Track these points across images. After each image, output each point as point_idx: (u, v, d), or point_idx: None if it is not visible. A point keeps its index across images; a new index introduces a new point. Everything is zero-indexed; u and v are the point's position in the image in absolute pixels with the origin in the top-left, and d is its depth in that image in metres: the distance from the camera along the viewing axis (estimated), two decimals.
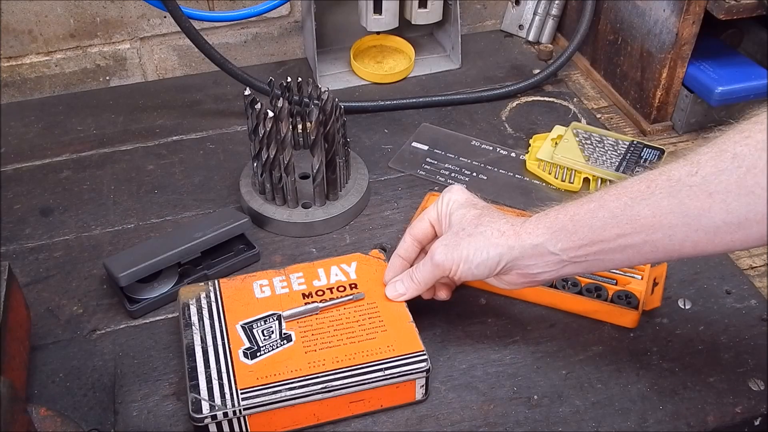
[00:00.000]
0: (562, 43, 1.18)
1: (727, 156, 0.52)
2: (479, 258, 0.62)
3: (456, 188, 0.68)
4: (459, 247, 0.63)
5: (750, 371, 0.69)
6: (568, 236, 0.59)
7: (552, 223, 0.60)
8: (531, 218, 0.62)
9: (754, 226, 0.51)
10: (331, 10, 1.11)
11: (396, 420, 0.65)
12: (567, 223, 0.59)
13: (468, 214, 0.64)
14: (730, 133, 0.53)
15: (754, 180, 0.50)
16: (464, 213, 0.65)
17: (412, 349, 0.65)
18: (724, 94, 0.93)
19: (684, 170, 0.54)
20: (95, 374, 0.69)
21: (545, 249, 0.60)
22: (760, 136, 0.50)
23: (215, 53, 0.94)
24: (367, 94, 1.08)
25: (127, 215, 0.87)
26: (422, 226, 0.69)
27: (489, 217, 0.64)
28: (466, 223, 0.64)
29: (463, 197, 0.67)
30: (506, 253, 0.61)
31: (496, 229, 0.62)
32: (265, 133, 0.77)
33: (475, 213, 0.64)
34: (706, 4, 0.89)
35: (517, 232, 0.61)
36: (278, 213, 0.83)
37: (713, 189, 0.52)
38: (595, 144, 0.93)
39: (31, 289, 0.77)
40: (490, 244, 0.62)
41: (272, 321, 0.68)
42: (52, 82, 1.08)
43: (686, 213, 0.53)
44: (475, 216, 0.64)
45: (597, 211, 0.57)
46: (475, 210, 0.65)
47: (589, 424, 0.65)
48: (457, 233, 0.64)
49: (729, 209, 0.51)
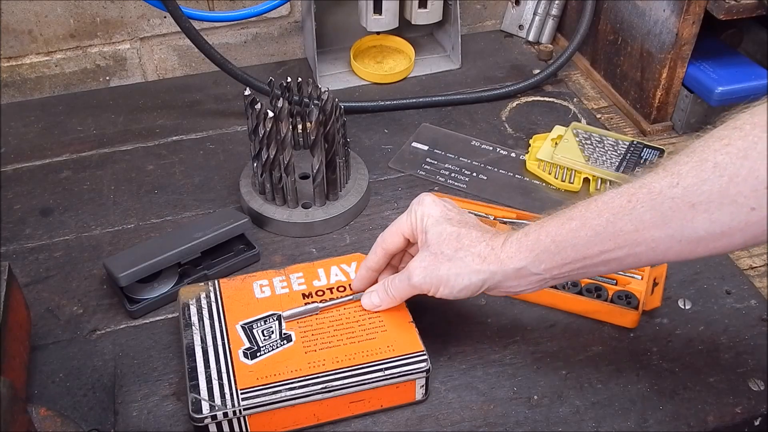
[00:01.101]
0: (562, 43, 1.18)
1: (708, 165, 0.51)
2: (461, 284, 0.61)
3: (428, 201, 0.66)
4: (438, 271, 0.62)
5: (750, 371, 0.69)
6: (551, 257, 0.58)
7: (533, 245, 0.59)
8: (510, 239, 0.61)
9: (737, 233, 0.51)
10: (331, 10, 1.11)
11: (396, 420, 0.65)
12: (549, 245, 0.58)
13: (444, 233, 0.63)
14: (708, 141, 0.52)
15: (737, 189, 0.50)
16: (440, 231, 0.63)
17: (412, 349, 0.65)
18: (724, 95, 0.93)
19: (665, 182, 0.53)
20: (95, 374, 0.69)
21: (528, 271, 0.60)
22: (740, 143, 0.50)
23: (215, 53, 0.94)
24: (367, 94, 1.08)
25: (127, 215, 0.87)
26: (394, 240, 0.67)
27: (467, 239, 0.62)
28: (443, 243, 0.62)
29: (437, 211, 0.64)
30: (489, 279, 0.61)
31: (476, 254, 0.61)
32: (265, 134, 0.77)
33: (452, 231, 0.63)
34: (706, 4, 0.89)
35: (498, 257, 0.60)
36: (278, 213, 0.83)
37: (695, 200, 0.51)
38: (595, 144, 0.93)
39: (31, 289, 0.77)
40: (471, 270, 0.61)
41: (272, 321, 0.68)
42: (52, 82, 1.08)
43: (669, 225, 0.53)
44: (452, 235, 0.62)
45: (579, 230, 0.57)
46: (451, 227, 0.63)
47: (589, 424, 0.65)
48: (436, 255, 0.62)
49: (712, 219, 0.51)
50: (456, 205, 0.67)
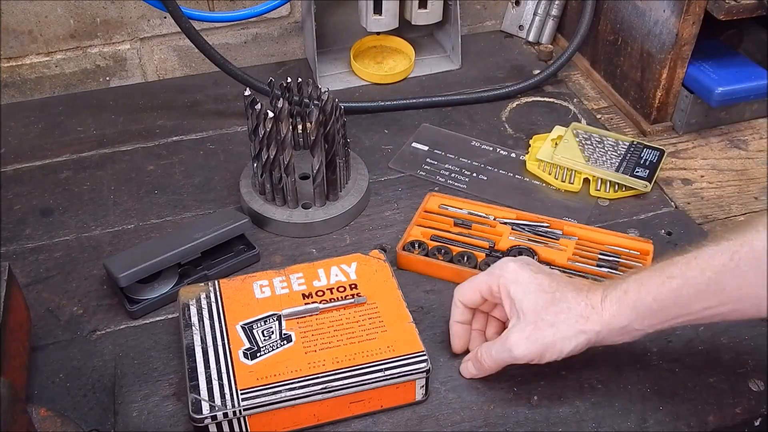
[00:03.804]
0: (562, 44, 1.18)
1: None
2: (568, 347, 0.61)
3: (512, 267, 0.64)
4: (543, 339, 0.61)
5: (750, 372, 0.69)
6: (654, 314, 0.59)
7: (635, 304, 0.60)
8: (610, 297, 0.61)
9: None
10: (331, 11, 1.11)
11: (396, 420, 0.65)
12: (651, 303, 0.59)
13: (540, 300, 0.62)
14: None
15: None
16: (536, 300, 0.62)
17: (412, 349, 0.65)
18: (724, 95, 0.93)
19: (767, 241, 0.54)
20: (95, 375, 0.69)
21: (632, 328, 0.60)
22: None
23: (215, 54, 0.94)
24: (367, 94, 1.08)
25: (127, 216, 0.87)
26: (472, 297, 0.67)
27: (565, 302, 0.62)
28: (542, 311, 0.62)
29: (526, 278, 0.63)
30: (593, 337, 0.61)
31: (578, 315, 0.61)
32: (265, 134, 0.77)
33: (547, 299, 0.62)
34: (706, 4, 0.89)
35: (601, 316, 0.61)
36: (278, 213, 0.83)
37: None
38: (595, 144, 0.93)
39: (31, 289, 0.77)
40: (576, 331, 0.61)
41: (272, 321, 0.68)
42: (52, 83, 1.08)
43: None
44: (549, 301, 0.62)
45: (681, 289, 0.57)
46: (545, 294, 0.62)
47: (589, 425, 0.65)
48: (536, 323, 0.62)
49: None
50: (538, 264, 0.66)
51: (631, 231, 0.84)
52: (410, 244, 0.80)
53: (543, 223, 0.82)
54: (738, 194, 0.90)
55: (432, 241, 0.81)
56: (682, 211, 0.88)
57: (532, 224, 0.82)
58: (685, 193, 0.90)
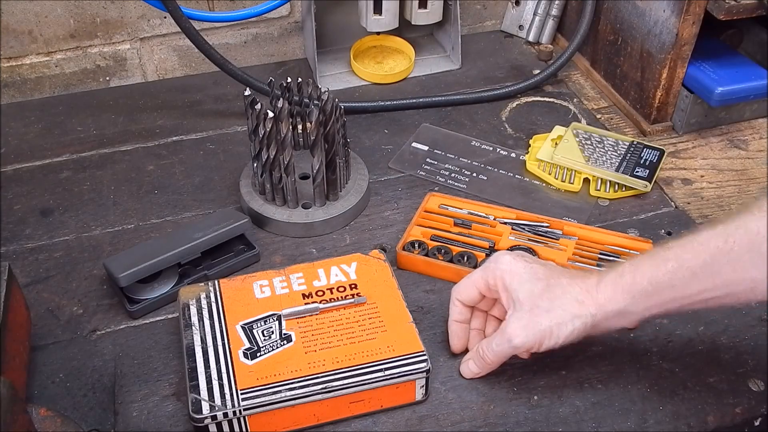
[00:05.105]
0: (562, 44, 1.18)
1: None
2: (565, 332, 0.61)
3: (506, 259, 0.65)
4: (540, 326, 0.62)
5: (750, 371, 0.69)
6: (649, 297, 0.59)
7: (630, 287, 0.60)
8: (605, 281, 0.61)
9: None
10: (331, 11, 1.11)
11: (396, 420, 0.65)
12: (646, 286, 0.59)
13: (536, 288, 0.63)
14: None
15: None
16: (531, 288, 0.63)
17: (412, 349, 0.65)
18: (724, 95, 0.93)
19: (761, 222, 0.54)
20: (95, 374, 0.69)
21: (627, 311, 0.60)
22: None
23: (215, 53, 0.94)
24: (367, 94, 1.08)
25: (127, 215, 0.87)
26: (469, 293, 0.67)
27: (559, 288, 0.62)
28: (538, 298, 0.62)
29: (521, 268, 0.64)
30: (590, 321, 0.61)
31: (573, 299, 0.61)
32: (265, 134, 0.77)
33: (542, 286, 0.63)
34: (706, 4, 0.89)
35: (596, 299, 0.61)
36: (278, 213, 0.83)
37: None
38: (595, 144, 0.93)
39: (31, 289, 0.77)
40: (572, 316, 0.61)
41: (272, 321, 0.68)
42: (52, 83, 1.08)
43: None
44: (544, 289, 0.63)
45: (677, 272, 0.58)
46: (540, 281, 0.63)
47: (589, 424, 0.65)
48: (532, 311, 0.62)
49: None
50: (533, 257, 0.67)
51: (631, 231, 0.84)
52: (410, 244, 0.80)
53: (543, 223, 0.82)
54: (738, 194, 0.90)
55: (432, 241, 0.81)
56: (682, 211, 0.88)
57: (532, 224, 0.82)
58: (685, 193, 0.90)
